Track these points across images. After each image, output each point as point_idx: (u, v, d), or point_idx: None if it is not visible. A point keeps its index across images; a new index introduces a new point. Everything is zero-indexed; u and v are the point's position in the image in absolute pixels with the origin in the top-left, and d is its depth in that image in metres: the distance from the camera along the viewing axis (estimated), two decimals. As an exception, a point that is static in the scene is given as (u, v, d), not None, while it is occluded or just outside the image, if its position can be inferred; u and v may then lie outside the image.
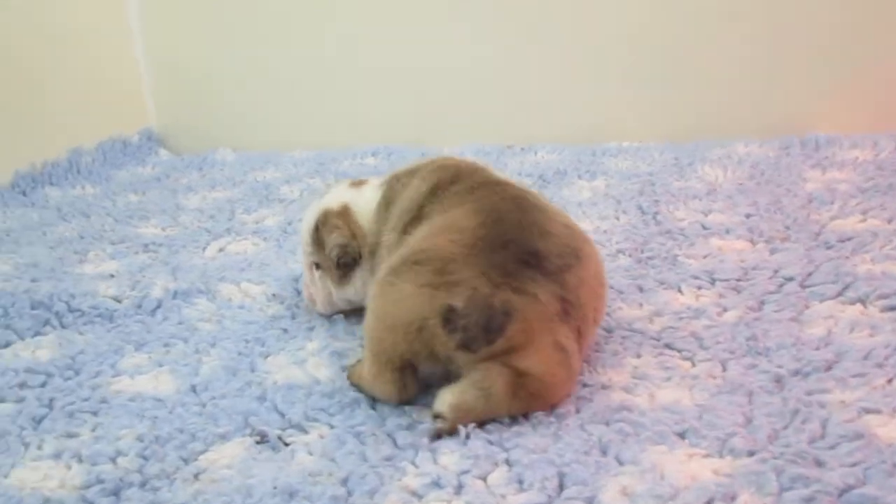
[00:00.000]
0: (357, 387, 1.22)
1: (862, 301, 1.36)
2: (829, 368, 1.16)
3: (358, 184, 1.47)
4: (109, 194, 2.65)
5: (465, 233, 1.13)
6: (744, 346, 1.26)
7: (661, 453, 1.00)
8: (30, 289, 1.70)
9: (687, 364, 1.23)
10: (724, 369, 1.19)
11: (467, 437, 1.07)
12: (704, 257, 1.63)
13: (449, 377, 1.10)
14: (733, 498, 0.90)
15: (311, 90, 3.08)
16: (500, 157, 2.63)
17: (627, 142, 2.63)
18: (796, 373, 1.16)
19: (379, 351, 1.13)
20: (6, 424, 1.24)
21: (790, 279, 1.46)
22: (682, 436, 1.04)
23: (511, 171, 2.41)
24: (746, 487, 0.91)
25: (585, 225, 1.89)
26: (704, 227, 1.78)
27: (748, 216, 1.83)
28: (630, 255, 1.67)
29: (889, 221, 1.70)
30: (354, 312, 1.46)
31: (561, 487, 0.96)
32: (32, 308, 1.63)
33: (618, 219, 1.91)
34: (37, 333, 1.58)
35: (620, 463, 0.99)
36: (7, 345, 1.54)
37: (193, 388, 1.30)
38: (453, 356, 1.08)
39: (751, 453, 0.98)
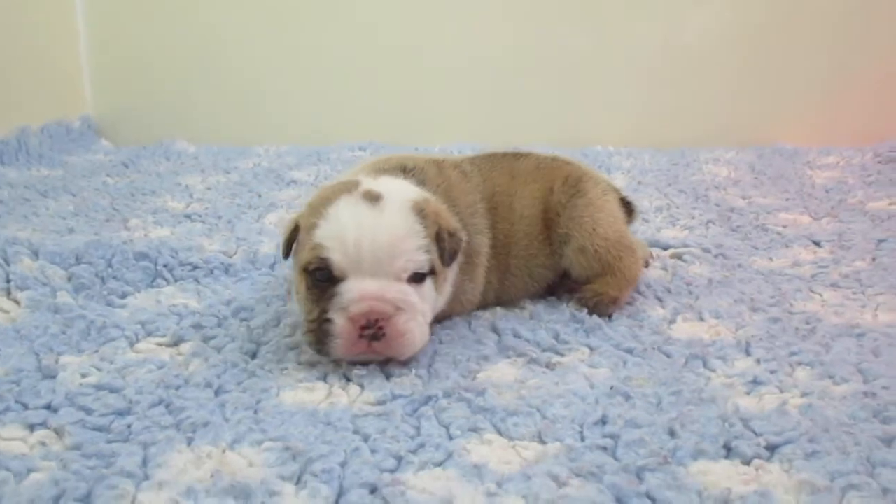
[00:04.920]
0: (605, 310, 1.27)
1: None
2: None
3: (379, 172, 1.23)
4: (77, 177, 2.43)
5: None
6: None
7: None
8: (127, 241, 1.55)
9: (863, 297, 1.35)
10: (902, 300, 1.33)
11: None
12: (788, 226, 1.78)
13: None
14: None
15: (270, 85, 3.01)
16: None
17: (612, 146, 2.78)
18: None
19: (631, 243, 1.35)
20: (223, 357, 1.13)
21: (883, 240, 1.64)
22: (932, 342, 1.15)
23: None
24: None
25: (647, 204, 2.00)
26: (763, 207, 1.95)
27: (788, 200, 2.02)
28: (721, 226, 1.80)
29: (914, 204, 1.95)
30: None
31: (867, 381, 1.04)
32: (136, 260, 1.49)
33: (672, 200, 2.04)
34: (150, 285, 1.44)
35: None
36: (124, 295, 1.39)
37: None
38: None
39: None
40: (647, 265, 1.50)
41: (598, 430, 0.93)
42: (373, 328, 1.03)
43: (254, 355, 1.15)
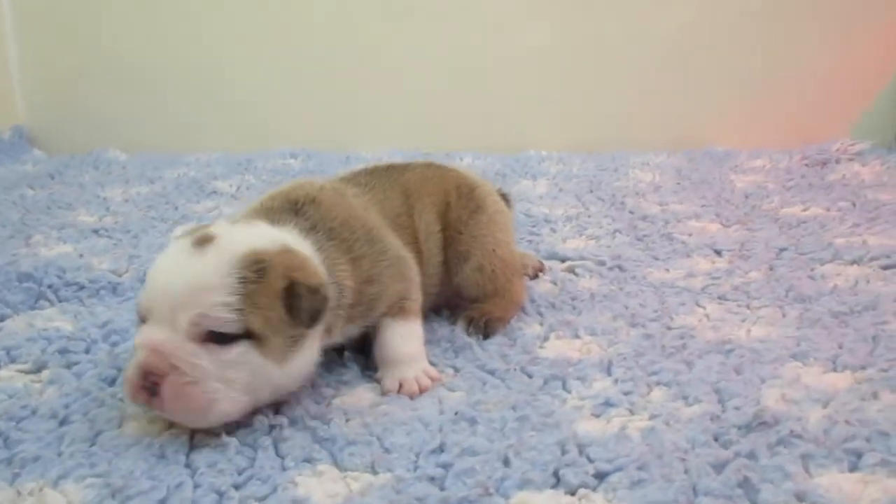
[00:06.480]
0: (495, 328, 1.27)
1: (857, 262, 1.55)
2: (875, 308, 1.32)
3: (260, 213, 1.11)
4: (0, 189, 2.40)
5: None
6: (786, 296, 1.39)
7: (796, 368, 1.10)
8: (11, 261, 1.52)
9: (746, 311, 1.35)
10: (784, 314, 1.32)
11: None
12: (693, 235, 1.77)
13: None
14: (875, 396, 1.02)
15: (203, 92, 2.98)
16: (426, 161, 2.68)
17: (545, 150, 2.77)
18: (851, 312, 1.31)
19: (519, 266, 1.38)
20: (79, 384, 1.11)
21: (784, 249, 1.64)
22: (795, 357, 1.14)
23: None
24: (882, 389, 1.03)
25: (561, 212, 1.99)
26: (676, 214, 1.94)
27: (703, 206, 2.02)
28: (627, 235, 1.79)
29: (828, 210, 1.95)
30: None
31: (721, 401, 1.03)
32: (20, 281, 1.46)
33: (587, 208, 2.03)
34: (32, 307, 1.42)
35: (762, 380, 1.08)
36: (2, 318, 1.37)
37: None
38: None
39: (863, 367, 1.10)
40: (536, 276, 1.49)
41: (433, 458, 0.91)
42: (149, 382, 0.92)
43: (112, 382, 1.13)
